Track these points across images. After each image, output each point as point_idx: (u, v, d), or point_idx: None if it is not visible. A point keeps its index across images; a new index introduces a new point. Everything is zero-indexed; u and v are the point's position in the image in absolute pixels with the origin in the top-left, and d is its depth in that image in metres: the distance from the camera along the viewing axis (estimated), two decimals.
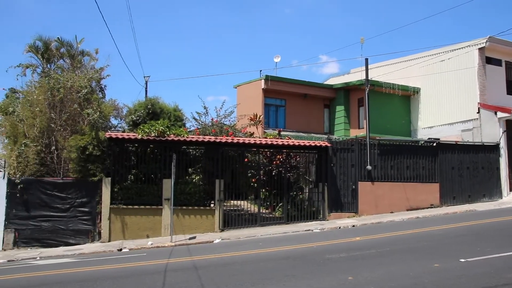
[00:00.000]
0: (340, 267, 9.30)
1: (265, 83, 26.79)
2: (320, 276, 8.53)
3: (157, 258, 12.21)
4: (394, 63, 29.62)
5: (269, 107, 27.71)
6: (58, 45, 23.19)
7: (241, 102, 27.18)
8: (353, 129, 28.27)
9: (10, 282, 10.07)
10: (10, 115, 18.52)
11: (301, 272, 9.05)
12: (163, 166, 17.23)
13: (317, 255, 10.89)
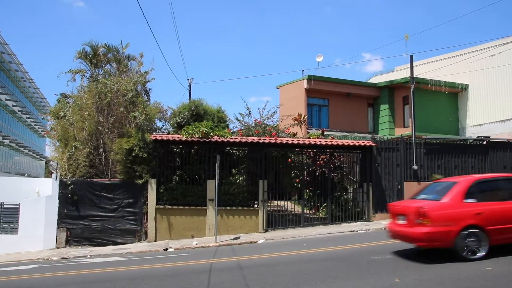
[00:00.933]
0: (386, 269, 9.11)
1: (307, 83, 26.68)
2: (365, 278, 8.39)
3: (202, 258, 12.34)
4: (440, 59, 28.84)
5: (312, 107, 27.57)
6: (106, 51, 23.87)
7: (283, 102, 27.16)
8: (398, 128, 27.70)
9: (68, 278, 10.49)
10: (62, 119, 19.28)
11: (345, 273, 8.93)
12: (207, 167, 17.44)
13: (362, 257, 10.71)
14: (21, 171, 56.90)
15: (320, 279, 8.47)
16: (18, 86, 52.74)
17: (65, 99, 21.56)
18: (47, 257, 14.86)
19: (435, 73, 27.40)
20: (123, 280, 9.49)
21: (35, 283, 10.17)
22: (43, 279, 10.70)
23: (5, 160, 51.32)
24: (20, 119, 55.58)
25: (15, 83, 51.32)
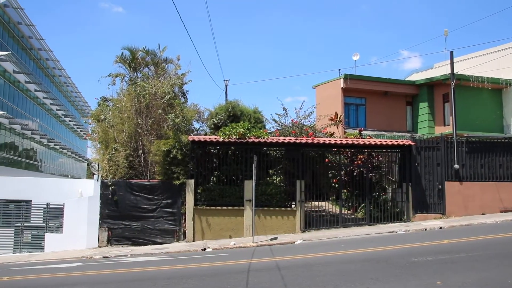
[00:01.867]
0: (427, 271, 8.89)
1: (344, 82, 26.41)
2: (406, 280, 8.22)
3: (240, 258, 12.39)
4: (482, 54, 27.96)
5: (349, 106, 27.27)
6: (144, 55, 24.32)
7: (320, 102, 26.97)
8: (438, 127, 27.03)
9: (110, 277, 10.76)
10: (102, 122, 19.79)
11: (385, 275, 8.77)
12: (244, 168, 17.51)
13: (402, 258, 10.50)
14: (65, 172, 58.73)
15: (359, 280, 8.35)
16: (61, 91, 54.49)
17: (105, 103, 22.11)
18: (90, 255, 15.28)
19: (476, 69, 26.60)
20: (163, 279, 9.63)
21: (79, 281, 10.47)
22: (86, 277, 11.00)
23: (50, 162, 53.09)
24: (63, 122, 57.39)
25: (58, 88, 53.04)
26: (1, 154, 36.23)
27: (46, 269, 12.94)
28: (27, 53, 41.35)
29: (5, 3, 34.14)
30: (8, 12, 35.44)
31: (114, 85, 22.78)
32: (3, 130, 36.55)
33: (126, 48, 24.09)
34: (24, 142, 42.54)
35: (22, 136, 41.51)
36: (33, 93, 43.04)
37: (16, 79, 38.26)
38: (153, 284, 9.09)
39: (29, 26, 39.42)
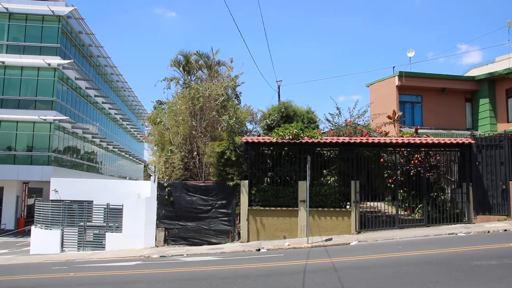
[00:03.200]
0: (491, 275, 8.49)
1: (399, 80, 25.76)
2: (468, 285, 7.88)
3: (295, 259, 12.35)
4: None
5: (404, 104, 26.56)
6: (197, 58, 24.72)
7: (374, 100, 26.45)
8: (501, 123, 25.79)
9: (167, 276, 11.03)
10: (158, 125, 20.32)
11: (445, 278, 8.45)
12: (298, 168, 17.44)
13: (463, 261, 10.08)
14: (123, 174, 60.72)
15: (418, 283, 8.10)
16: (119, 95, 56.40)
17: (161, 106, 22.67)
18: (147, 254, 15.71)
19: None
20: (218, 279, 9.75)
21: (139, 279, 10.79)
22: (145, 275, 11.33)
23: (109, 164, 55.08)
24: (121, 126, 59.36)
25: (116, 92, 54.94)
26: (65, 157, 37.96)
27: (108, 267, 13.45)
28: (87, 61, 43.10)
29: (68, 15, 35.75)
30: (70, 23, 37.10)
31: (169, 89, 23.34)
32: (66, 134, 38.27)
33: (180, 53, 24.61)
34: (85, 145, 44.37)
35: (83, 139, 43.30)
36: (93, 98, 44.81)
37: (78, 85, 39.94)
38: (209, 283, 9.21)
39: (89, 35, 41.05)
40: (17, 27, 35.13)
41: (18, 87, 34.83)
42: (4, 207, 35.00)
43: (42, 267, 15.24)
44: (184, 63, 24.46)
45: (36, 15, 34.85)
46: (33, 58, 33.95)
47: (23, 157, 34.38)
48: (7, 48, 34.60)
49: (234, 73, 22.28)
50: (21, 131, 34.62)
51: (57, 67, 34.49)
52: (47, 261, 16.58)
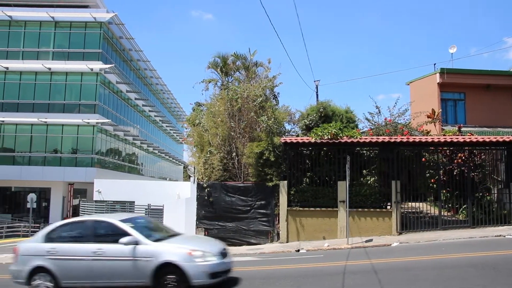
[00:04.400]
0: None
1: (440, 77, 25.08)
2: None
3: (334, 260, 12.23)
4: None
5: (446, 102, 25.83)
6: (234, 59, 24.84)
7: (415, 99, 25.88)
8: None
9: None
10: (197, 126, 20.55)
11: (493, 283, 8.14)
12: (337, 169, 17.27)
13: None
14: (163, 175, 61.79)
15: (463, 286, 7.86)
16: (158, 98, 57.47)
17: (199, 108, 22.91)
18: None
19: None
20: (259, 279, 9.78)
21: None
22: None
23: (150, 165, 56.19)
24: (161, 128, 60.45)
25: (155, 95, 56.00)
26: (107, 159, 39.00)
27: None
28: (128, 65, 44.17)
29: (109, 21, 36.77)
30: (111, 28, 38.16)
31: (207, 90, 23.54)
32: (108, 136, 39.32)
33: (217, 55, 24.80)
34: (126, 147, 45.45)
35: (124, 141, 44.38)
36: (133, 101, 45.86)
37: (119, 89, 40.99)
38: (250, 283, 9.25)
39: (129, 39, 42.08)
40: (62, 34, 36.43)
41: (63, 92, 36.12)
42: (51, 207, 36.31)
43: None
44: (222, 65, 24.64)
45: (79, 22, 36.05)
46: (77, 63, 35.12)
47: (68, 159, 35.56)
48: (53, 55, 35.90)
49: (272, 73, 22.27)
50: (66, 134, 35.84)
51: (99, 72, 35.54)
52: None
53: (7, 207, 38.02)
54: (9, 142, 36.24)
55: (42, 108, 35.39)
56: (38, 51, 36.02)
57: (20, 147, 36.02)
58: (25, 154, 35.66)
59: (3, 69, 35.45)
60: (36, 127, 35.70)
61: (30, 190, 35.32)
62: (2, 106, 35.71)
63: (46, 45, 36.26)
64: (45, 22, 35.98)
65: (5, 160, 35.56)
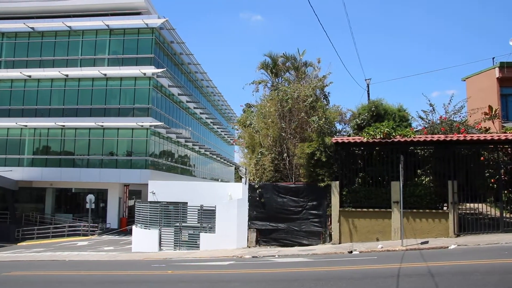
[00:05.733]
0: None
1: (499, 71, 24.02)
2: None
3: (388, 262, 11.97)
4: None
5: (507, 97, 24.69)
6: (284, 60, 24.82)
7: (471, 95, 24.89)
8: None
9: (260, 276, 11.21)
10: (248, 127, 20.70)
11: None
12: (390, 168, 16.90)
13: None
14: (215, 176, 62.64)
15: None
16: (209, 100, 58.35)
17: (250, 109, 23.07)
18: (240, 255, 16.04)
19: None
20: (311, 280, 9.70)
21: (232, 278, 11.05)
22: (238, 275, 11.58)
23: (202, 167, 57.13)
24: (212, 129, 61.33)
25: (206, 97, 56.90)
26: (161, 160, 39.99)
27: (203, 266, 13.95)
28: (179, 68, 45.10)
29: (161, 26, 37.73)
30: (162, 33, 39.13)
31: (257, 92, 23.65)
32: (162, 139, 40.31)
33: (267, 55, 24.88)
34: (179, 149, 46.41)
35: (177, 143, 45.34)
36: (185, 104, 46.78)
37: (171, 92, 41.94)
38: (301, 285, 9.20)
39: (179, 43, 42.97)
40: (116, 41, 37.77)
41: (118, 97, 37.45)
42: (108, 207, 37.74)
43: (143, 264, 16.18)
44: (272, 66, 24.68)
45: (132, 29, 37.23)
46: (131, 69, 36.28)
47: (123, 161, 36.76)
48: (108, 61, 37.26)
49: (321, 73, 22.10)
50: (121, 137, 37.07)
51: (151, 76, 36.53)
52: (147, 259, 17.54)
53: (68, 207, 39.95)
54: (69, 145, 37.93)
55: (99, 112, 36.81)
56: (95, 58, 37.49)
57: (79, 150, 37.62)
58: (84, 157, 37.19)
59: (63, 77, 37.18)
60: (94, 131, 37.17)
61: (88, 191, 36.91)
62: (62, 112, 37.42)
63: (102, 52, 37.69)
64: (100, 30, 37.43)
65: (66, 163, 37.25)
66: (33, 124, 37.46)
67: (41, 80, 38.19)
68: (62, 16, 37.70)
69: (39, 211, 38.57)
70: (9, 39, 38.94)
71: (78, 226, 34.70)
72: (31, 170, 37.17)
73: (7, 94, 38.68)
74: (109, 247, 26.01)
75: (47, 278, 13.40)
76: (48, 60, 37.83)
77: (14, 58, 38.44)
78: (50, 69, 37.27)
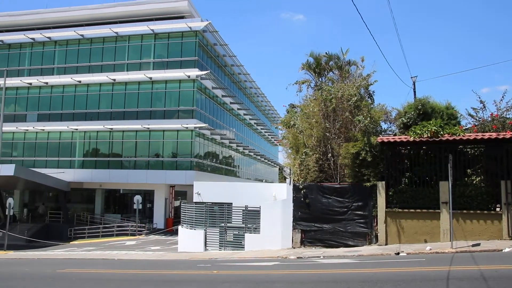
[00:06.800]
0: None
1: None
2: None
3: (437, 264, 11.64)
4: None
5: None
6: (327, 59, 24.63)
7: None
8: None
9: (304, 277, 11.13)
10: (292, 128, 20.66)
11: None
12: (438, 168, 16.45)
13: None
14: (259, 177, 62.85)
15: None
16: (252, 101, 58.60)
17: (293, 109, 23.01)
18: (285, 255, 16.02)
19: None
20: (356, 282, 9.55)
21: (277, 279, 11.05)
22: (283, 276, 11.56)
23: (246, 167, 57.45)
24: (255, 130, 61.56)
25: (250, 98, 57.17)
26: (205, 162, 40.51)
27: (248, 266, 14.02)
28: (222, 70, 45.55)
29: (204, 29, 38.24)
30: (206, 36, 39.64)
31: (300, 92, 23.56)
32: (206, 140, 40.83)
33: (310, 55, 24.75)
34: (223, 150, 46.86)
35: (221, 145, 45.80)
36: (228, 105, 47.21)
37: (215, 94, 42.41)
38: (347, 286, 9.08)
39: (222, 45, 43.38)
40: (160, 45, 38.60)
41: (163, 99, 38.22)
42: (155, 208, 38.59)
43: (189, 264, 16.43)
44: (315, 65, 24.54)
45: (176, 32, 37.91)
46: (175, 72, 36.94)
47: (169, 163, 37.48)
48: (153, 65, 38.10)
49: (366, 72, 21.76)
50: (167, 139, 37.81)
51: (195, 79, 37.07)
52: (193, 259, 17.80)
53: (116, 207, 41.14)
54: (117, 148, 39.05)
55: (145, 115, 37.70)
56: (140, 62, 38.42)
57: (127, 152, 38.66)
58: (131, 159, 38.17)
59: (111, 81, 38.34)
60: (140, 133, 38.11)
61: (136, 192, 37.89)
62: (110, 115, 38.58)
63: (147, 56, 38.59)
64: (146, 35, 38.33)
65: (114, 164, 38.36)
66: (83, 128, 38.87)
67: (90, 85, 39.55)
68: (109, 23, 38.93)
69: (89, 211, 39.94)
70: (60, 47, 40.57)
71: (126, 226, 35.63)
72: (81, 172, 38.59)
73: (59, 99, 40.30)
74: (156, 247, 26.58)
75: (98, 276, 13.85)
76: (97, 65, 39.13)
77: (66, 64, 40.01)
78: (98, 74, 38.58)
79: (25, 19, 41.79)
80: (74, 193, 40.46)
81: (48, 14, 41.24)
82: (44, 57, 40.85)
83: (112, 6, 39.67)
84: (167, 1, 38.17)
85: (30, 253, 25.47)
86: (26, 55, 41.44)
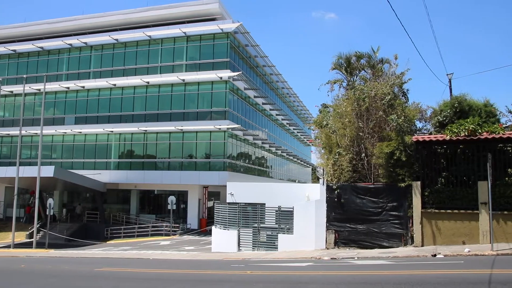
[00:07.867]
0: None
1: None
2: None
3: (477, 267, 11.32)
4: None
5: None
6: (358, 58, 24.31)
7: None
8: None
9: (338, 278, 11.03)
10: (324, 128, 20.50)
11: None
12: (476, 168, 16.01)
13: None
14: (292, 177, 62.63)
15: None
16: (284, 101, 58.49)
17: (326, 109, 22.82)
18: (318, 256, 15.90)
19: None
20: (392, 284, 9.39)
21: (310, 280, 10.98)
22: (317, 277, 11.48)
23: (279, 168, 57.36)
24: (288, 130, 61.40)
25: (282, 99, 57.07)
26: (238, 162, 40.66)
27: (281, 267, 13.99)
28: (254, 71, 45.62)
29: (235, 30, 38.40)
30: (237, 37, 39.80)
31: (332, 91, 23.35)
32: (239, 141, 40.98)
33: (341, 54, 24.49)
34: (255, 151, 46.93)
35: (253, 145, 45.87)
36: (261, 106, 47.23)
37: (247, 95, 42.51)
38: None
39: (254, 46, 43.44)
40: (193, 47, 39.00)
41: (196, 101, 38.59)
42: (189, 208, 39.02)
43: (222, 264, 16.52)
44: (346, 65, 24.26)
45: (208, 34, 38.20)
46: (207, 73, 37.24)
47: (202, 163, 37.80)
48: (186, 67, 38.52)
49: (399, 70, 21.35)
50: (200, 140, 38.16)
51: (228, 80, 37.25)
52: (226, 259, 17.89)
53: (151, 208, 41.77)
54: (151, 149, 39.66)
55: (178, 117, 38.15)
56: (173, 65, 38.90)
57: (160, 153, 39.21)
58: (165, 160, 38.69)
59: (144, 84, 38.97)
60: (174, 134, 38.59)
61: (170, 193, 38.38)
62: (144, 117, 39.24)
63: (180, 58, 39.04)
64: (178, 38, 38.78)
65: (149, 166, 38.99)
66: (118, 130, 39.65)
67: (124, 88, 40.33)
68: (142, 27, 39.57)
69: (125, 212, 40.69)
70: (96, 51, 41.55)
71: (160, 226, 36.12)
72: (117, 173, 39.40)
73: (95, 102, 41.28)
74: (190, 247, 26.86)
75: (133, 275, 14.10)
76: (131, 68, 39.86)
77: (101, 68, 40.94)
78: (132, 77, 39.27)
79: (62, 26, 42.99)
80: (110, 194, 41.34)
81: (84, 20, 42.30)
82: (80, 61, 41.92)
83: (144, 11, 40.32)
84: (198, 4, 38.48)
85: (69, 252, 26.19)
86: (64, 60, 42.67)
